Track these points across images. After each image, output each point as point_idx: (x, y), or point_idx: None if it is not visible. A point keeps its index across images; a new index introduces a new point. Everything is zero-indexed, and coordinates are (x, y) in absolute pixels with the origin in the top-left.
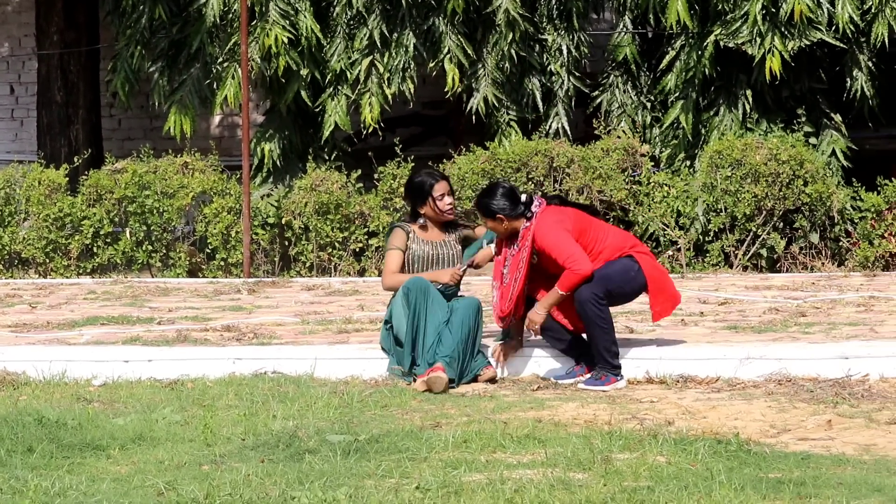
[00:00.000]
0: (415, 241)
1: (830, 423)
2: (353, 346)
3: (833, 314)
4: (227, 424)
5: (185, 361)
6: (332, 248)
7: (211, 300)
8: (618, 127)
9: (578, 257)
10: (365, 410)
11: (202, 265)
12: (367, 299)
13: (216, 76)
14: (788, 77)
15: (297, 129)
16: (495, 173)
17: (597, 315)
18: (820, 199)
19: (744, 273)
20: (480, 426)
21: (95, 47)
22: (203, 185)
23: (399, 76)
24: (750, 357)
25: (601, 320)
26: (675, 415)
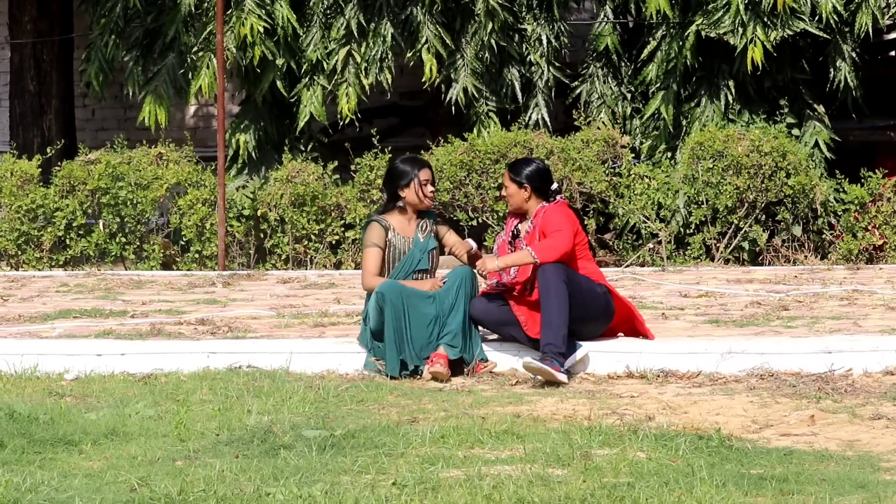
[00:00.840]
0: (394, 235)
1: (813, 419)
2: (330, 340)
3: (816, 308)
4: (201, 419)
5: (159, 355)
6: (308, 241)
7: (185, 293)
8: (598, 118)
9: (566, 237)
10: (341, 405)
11: (176, 258)
12: (344, 292)
13: (191, 66)
14: (771, 67)
15: (273, 120)
16: (474, 165)
17: (557, 289)
18: (803, 191)
19: (725, 266)
20: (458, 421)
21: (69, 36)
22: (178, 176)
23: (376, 66)
24: (732, 351)
25: (559, 301)
26: (656, 410)
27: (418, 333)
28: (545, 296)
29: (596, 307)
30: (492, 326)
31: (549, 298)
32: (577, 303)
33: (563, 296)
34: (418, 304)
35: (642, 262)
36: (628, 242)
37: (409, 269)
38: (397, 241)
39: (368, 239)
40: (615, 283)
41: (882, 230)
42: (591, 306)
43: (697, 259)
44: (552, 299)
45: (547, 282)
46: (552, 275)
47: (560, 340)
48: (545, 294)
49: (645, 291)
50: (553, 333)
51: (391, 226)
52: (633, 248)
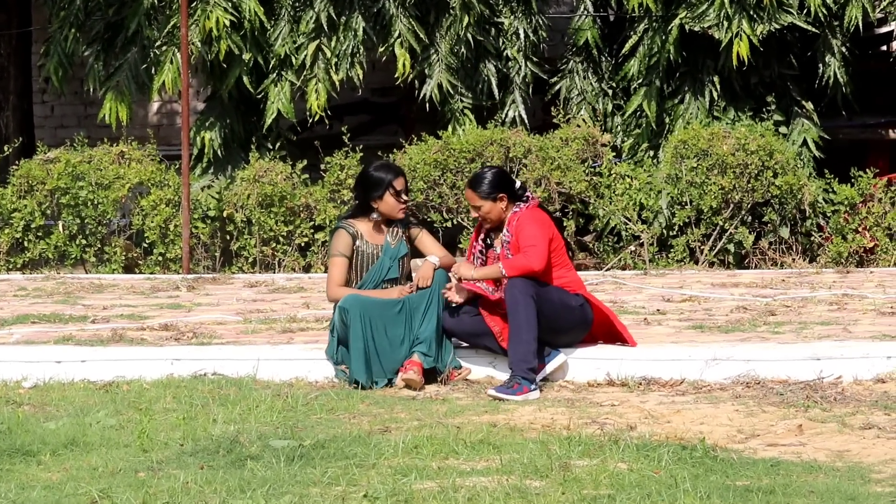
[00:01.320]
0: (362, 242)
1: (801, 428)
2: (298, 347)
3: (804, 313)
4: (164, 429)
5: (121, 362)
6: (276, 243)
7: (148, 297)
8: (577, 115)
9: (540, 254)
10: (310, 414)
11: (139, 260)
12: (313, 297)
13: (154, 61)
14: (757, 63)
15: (240, 117)
16: (448, 164)
17: (525, 305)
18: (790, 191)
19: (710, 269)
20: (432, 431)
21: (27, 30)
22: (140, 175)
23: (347, 61)
24: (716, 358)
25: (526, 317)
26: (638, 419)
27: (386, 352)
28: (513, 311)
29: (569, 320)
30: (464, 337)
31: (516, 314)
32: (549, 317)
33: (531, 311)
34: (386, 321)
35: (623, 265)
36: (609, 245)
37: (378, 279)
38: (366, 248)
39: (335, 247)
40: (595, 286)
41: (873, 232)
42: (564, 319)
43: (681, 262)
44: (520, 314)
45: (515, 297)
46: (520, 290)
47: (529, 356)
48: (513, 309)
49: (626, 296)
50: (522, 349)
51: (359, 232)
52: (614, 251)
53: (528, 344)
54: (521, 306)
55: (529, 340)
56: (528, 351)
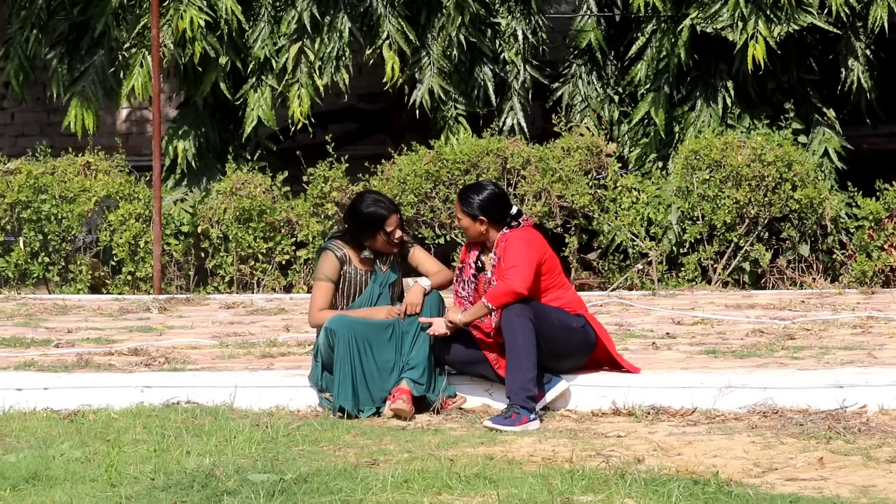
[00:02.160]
0: (350, 267)
1: (823, 462)
2: (279, 373)
3: (826, 337)
4: (134, 462)
5: (87, 389)
6: (255, 261)
7: (116, 320)
8: (581, 123)
9: (521, 275)
10: (292, 446)
11: (106, 280)
12: (295, 319)
13: (122, 64)
14: (775, 67)
15: (216, 125)
16: (441, 175)
17: (523, 328)
18: (811, 205)
19: (724, 290)
20: (423, 464)
21: None
22: (108, 188)
23: (332, 65)
24: (731, 385)
25: (525, 342)
26: (646, 451)
27: (374, 379)
28: (510, 336)
29: (571, 343)
30: (459, 367)
31: (514, 339)
32: (548, 340)
33: (529, 335)
34: (375, 345)
35: (630, 285)
36: (614, 263)
37: (367, 307)
38: (354, 274)
39: (321, 270)
40: (599, 308)
41: None
42: (565, 342)
43: (692, 282)
44: (518, 339)
45: (511, 321)
46: (516, 313)
47: (528, 383)
48: (510, 334)
49: (633, 318)
50: (521, 377)
51: (348, 256)
52: (619, 270)
53: (527, 371)
54: (518, 331)
55: (529, 367)
56: (527, 378)
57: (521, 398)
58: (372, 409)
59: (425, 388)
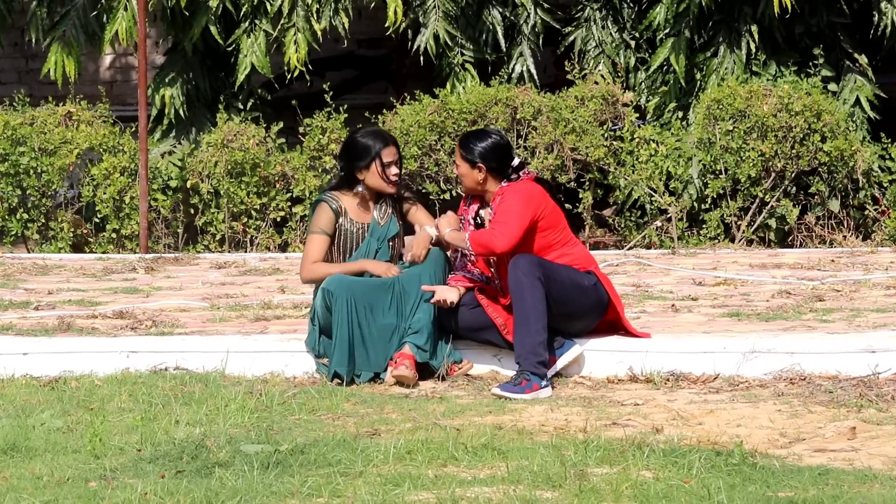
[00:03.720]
0: (346, 220)
1: (854, 431)
2: (273, 337)
3: (857, 298)
4: (119, 432)
5: (69, 355)
6: (248, 218)
7: (100, 280)
8: (595, 70)
9: (509, 233)
10: (287, 415)
11: (89, 238)
12: (290, 279)
13: (106, 7)
14: (803, 9)
15: (206, 73)
16: (446, 126)
17: (531, 287)
18: (841, 157)
19: (748, 248)
20: (428, 434)
21: None
22: (90, 140)
23: (331, 8)
24: (755, 350)
25: (534, 302)
26: (665, 420)
27: (374, 343)
28: (517, 295)
29: (582, 302)
30: (465, 332)
31: (522, 299)
32: (559, 301)
33: (538, 295)
34: (376, 308)
35: (648, 243)
36: (631, 220)
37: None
38: (350, 227)
39: (315, 223)
40: (615, 268)
41: None
42: (577, 302)
43: (714, 240)
44: (526, 300)
45: (519, 280)
46: (524, 272)
47: (539, 347)
48: (517, 294)
49: (651, 278)
50: (529, 341)
51: (343, 208)
52: (637, 227)
53: (537, 334)
54: (526, 290)
55: (539, 330)
56: (536, 342)
57: (532, 363)
58: (370, 374)
59: (429, 355)
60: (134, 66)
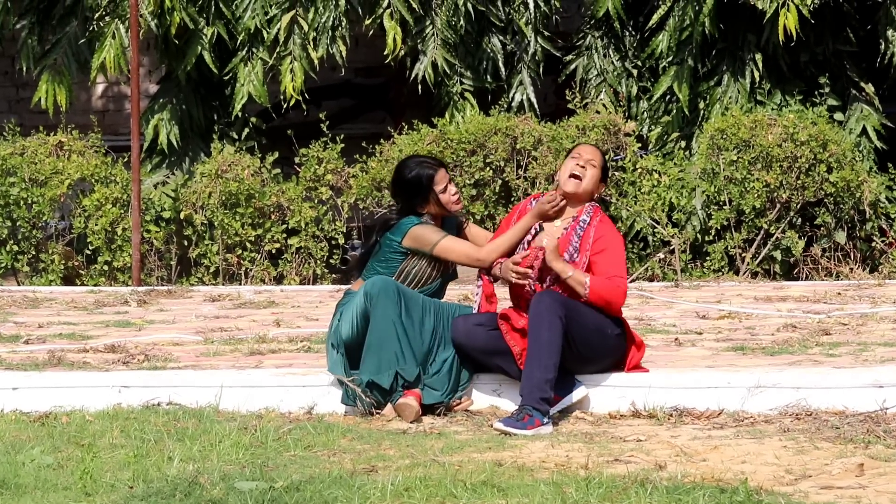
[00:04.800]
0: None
1: (862, 468)
2: (268, 372)
3: (864, 332)
4: (110, 468)
5: (59, 390)
6: (243, 250)
7: (91, 313)
8: (597, 99)
9: (626, 289)
10: (282, 451)
11: (80, 270)
12: (286, 313)
13: (97, 34)
14: (808, 38)
15: (199, 102)
16: (445, 156)
17: (549, 328)
18: (847, 188)
19: (753, 281)
20: (426, 470)
21: None
22: (82, 170)
23: (328, 36)
24: (760, 385)
25: (549, 340)
26: (668, 457)
27: (418, 344)
28: (535, 329)
29: (602, 350)
30: (476, 354)
31: (539, 334)
32: (578, 342)
33: (556, 333)
34: (417, 310)
35: (651, 275)
36: (634, 252)
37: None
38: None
39: (435, 232)
40: None
41: None
42: (597, 349)
43: (718, 272)
44: (542, 335)
45: (539, 314)
46: (546, 307)
47: (545, 385)
48: (535, 327)
49: (654, 311)
50: (537, 377)
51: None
52: (639, 259)
53: (546, 371)
54: (544, 326)
55: (548, 367)
56: (544, 379)
57: (535, 399)
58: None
59: (442, 395)
60: (126, 94)
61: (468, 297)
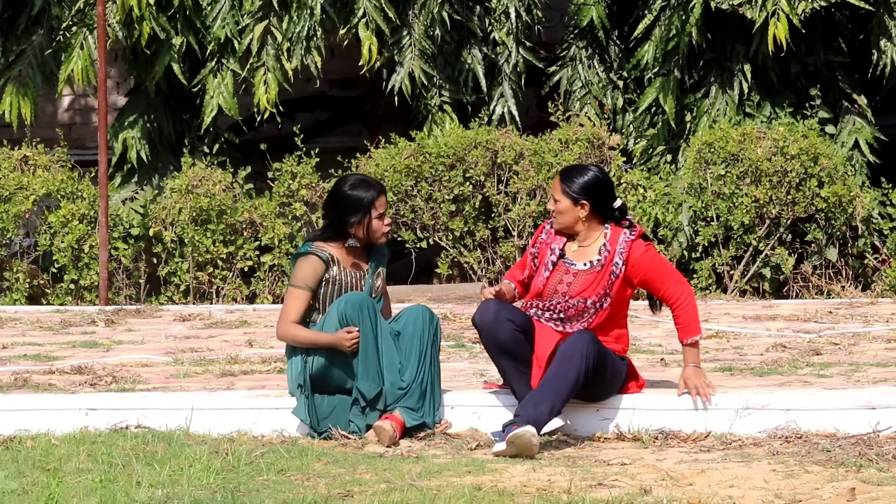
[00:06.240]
0: (339, 268)
1: (853, 492)
2: (241, 394)
3: (856, 352)
4: (77, 494)
5: (24, 412)
6: (214, 268)
7: (58, 334)
8: (580, 112)
9: (690, 286)
10: (255, 475)
11: (46, 289)
12: (259, 332)
13: (63, 45)
14: (799, 48)
15: (169, 115)
16: (423, 171)
17: (576, 369)
18: (839, 204)
19: (741, 299)
20: (403, 495)
21: None
22: (48, 185)
23: (302, 46)
24: (749, 407)
25: (575, 380)
26: (653, 481)
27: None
28: (561, 362)
29: (608, 391)
30: (490, 344)
31: (563, 369)
32: (590, 385)
33: (581, 377)
34: (387, 333)
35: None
36: None
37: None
38: (344, 277)
39: (299, 276)
40: None
41: None
42: (602, 391)
43: (706, 290)
44: (566, 374)
45: (574, 352)
46: (581, 352)
47: (547, 418)
48: (563, 360)
49: (639, 331)
50: (543, 410)
51: (335, 259)
52: None
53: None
54: (573, 366)
55: (557, 403)
56: (549, 411)
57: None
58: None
59: (422, 415)
60: (93, 107)
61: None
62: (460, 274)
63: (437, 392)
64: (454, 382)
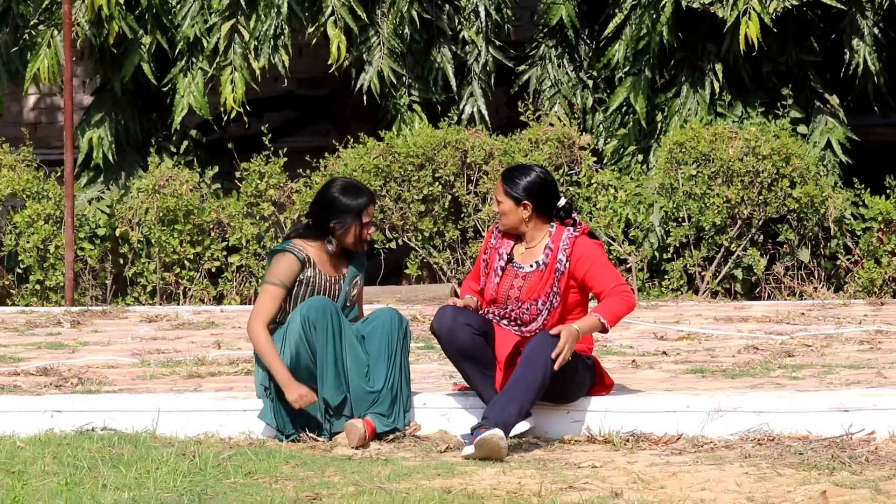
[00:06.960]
0: (314, 270)
1: (825, 495)
2: (208, 395)
3: (829, 354)
4: (42, 497)
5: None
6: (181, 268)
7: (23, 335)
8: (550, 111)
9: (627, 284)
10: (222, 478)
11: (11, 289)
12: (226, 334)
13: (29, 43)
14: (770, 47)
15: (136, 114)
16: (392, 171)
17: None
18: (811, 204)
19: (713, 300)
20: (372, 498)
21: None
22: (13, 185)
23: (269, 45)
24: (721, 409)
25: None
26: (624, 483)
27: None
28: (528, 364)
29: (577, 391)
30: (451, 351)
31: (532, 373)
32: (557, 386)
33: (546, 379)
34: (352, 338)
35: None
36: None
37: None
38: (319, 280)
39: (275, 273)
40: None
41: None
42: (570, 395)
43: (677, 291)
44: (536, 377)
45: (539, 355)
46: (545, 349)
47: (516, 418)
48: (529, 362)
49: (610, 333)
50: (511, 412)
51: (312, 260)
52: None
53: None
54: (539, 368)
55: (524, 405)
56: (516, 413)
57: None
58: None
59: (393, 420)
60: (60, 106)
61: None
62: (430, 275)
63: (406, 396)
64: (423, 384)
